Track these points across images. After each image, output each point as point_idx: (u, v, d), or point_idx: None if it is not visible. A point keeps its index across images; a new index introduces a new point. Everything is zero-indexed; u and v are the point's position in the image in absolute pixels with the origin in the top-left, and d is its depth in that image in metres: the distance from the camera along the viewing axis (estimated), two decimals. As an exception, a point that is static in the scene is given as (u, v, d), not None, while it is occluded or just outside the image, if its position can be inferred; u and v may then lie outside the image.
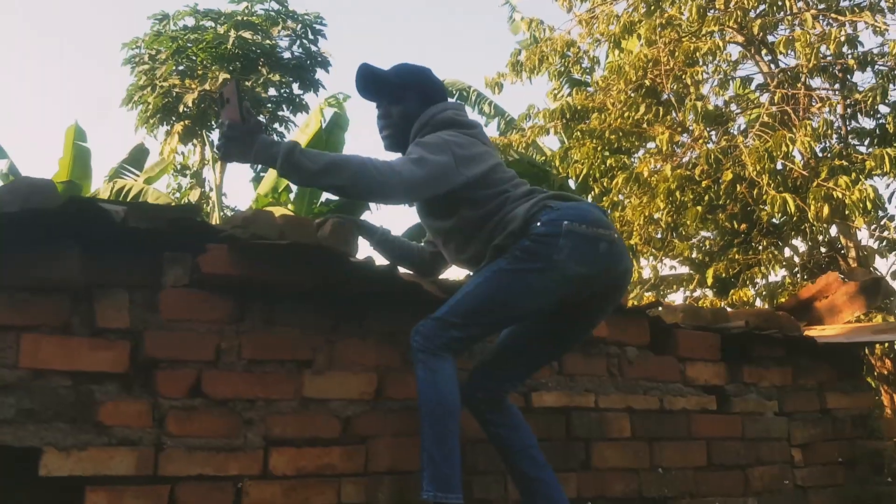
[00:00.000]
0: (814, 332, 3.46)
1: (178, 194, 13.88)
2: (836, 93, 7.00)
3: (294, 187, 11.31)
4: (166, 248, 2.20)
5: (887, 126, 6.69)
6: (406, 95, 2.45)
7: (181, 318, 2.18)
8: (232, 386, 2.19)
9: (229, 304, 2.25)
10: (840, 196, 5.85)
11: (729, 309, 7.08)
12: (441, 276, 2.67)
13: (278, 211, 10.12)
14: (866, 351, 4.85)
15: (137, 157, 12.74)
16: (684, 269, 8.21)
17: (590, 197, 8.28)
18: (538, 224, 2.19)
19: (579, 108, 7.73)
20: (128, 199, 10.78)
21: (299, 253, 2.23)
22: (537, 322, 2.35)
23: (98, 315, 2.09)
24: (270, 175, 11.19)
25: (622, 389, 2.85)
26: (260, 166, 12.78)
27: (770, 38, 7.30)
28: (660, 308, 3.14)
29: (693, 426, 2.97)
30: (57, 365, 2.03)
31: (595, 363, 2.81)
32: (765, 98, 7.15)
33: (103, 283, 2.12)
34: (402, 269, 2.54)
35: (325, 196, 11.49)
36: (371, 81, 2.49)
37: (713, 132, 7.20)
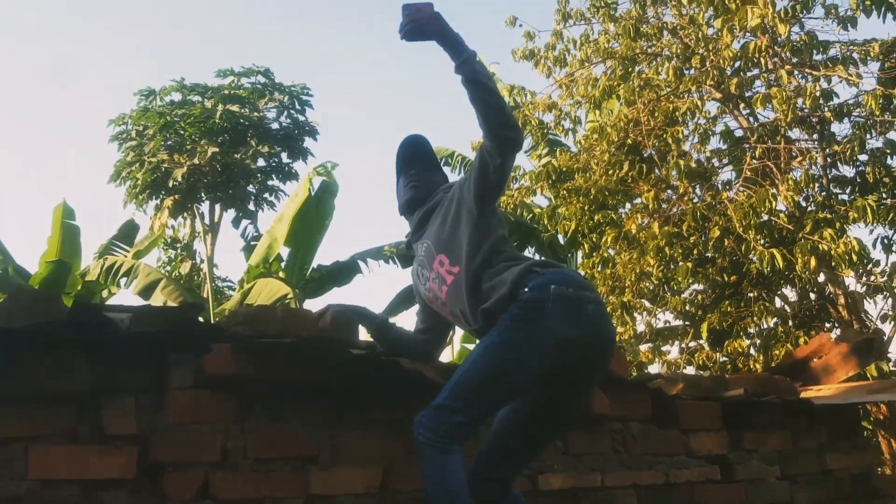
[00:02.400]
0: (810, 393, 3.49)
1: (168, 267, 13.87)
2: (816, 143, 7.13)
3: (285, 256, 11.35)
4: (171, 347, 2.22)
5: (867, 175, 6.80)
6: (435, 166, 2.73)
7: (187, 420, 2.20)
8: (239, 487, 2.20)
9: (234, 402, 2.27)
10: (826, 248, 5.93)
11: (725, 359, 7.17)
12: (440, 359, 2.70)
13: (270, 282, 10.17)
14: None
15: (127, 233, 12.72)
16: (678, 322, 8.22)
17: (580, 253, 8.34)
18: (526, 290, 2.23)
19: (564, 169, 7.84)
20: (118, 276, 10.75)
21: (302, 347, 2.26)
22: (531, 397, 2.34)
23: (106, 422, 2.11)
24: (261, 246, 11.21)
25: (628, 465, 2.86)
26: (251, 234, 12.87)
27: (748, 93, 7.46)
28: (660, 380, 3.16)
29: (697, 497, 2.98)
30: (65, 474, 2.04)
31: (599, 441, 2.83)
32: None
33: (109, 388, 2.14)
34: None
35: (317, 262, 11.52)
36: (418, 150, 2.72)
37: (697, 186, 7.31)
